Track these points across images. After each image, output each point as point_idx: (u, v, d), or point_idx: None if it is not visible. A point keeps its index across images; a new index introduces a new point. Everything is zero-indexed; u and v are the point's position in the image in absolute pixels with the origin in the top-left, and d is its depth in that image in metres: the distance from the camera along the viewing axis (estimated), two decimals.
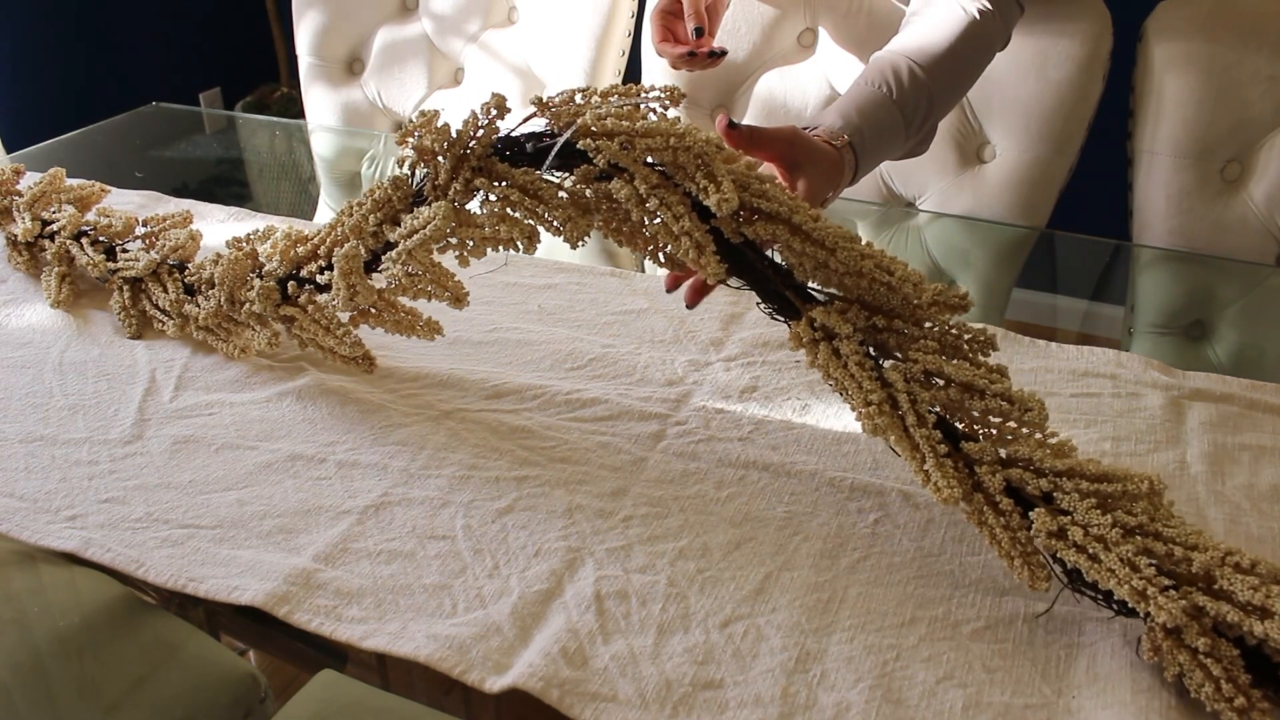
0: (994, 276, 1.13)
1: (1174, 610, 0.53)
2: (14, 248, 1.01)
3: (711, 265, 0.64)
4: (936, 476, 0.60)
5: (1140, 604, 0.54)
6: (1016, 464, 0.61)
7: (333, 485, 0.71)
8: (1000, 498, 0.60)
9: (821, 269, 0.64)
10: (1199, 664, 0.53)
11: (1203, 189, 1.14)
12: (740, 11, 1.25)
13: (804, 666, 0.57)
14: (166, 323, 0.89)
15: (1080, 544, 0.57)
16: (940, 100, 0.93)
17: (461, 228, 0.71)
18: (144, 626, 0.63)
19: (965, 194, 1.22)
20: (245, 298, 0.83)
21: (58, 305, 0.94)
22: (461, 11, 1.44)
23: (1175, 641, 0.54)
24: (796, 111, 1.26)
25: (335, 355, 0.82)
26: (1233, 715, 0.52)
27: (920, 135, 0.93)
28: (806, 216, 0.64)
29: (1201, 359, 0.93)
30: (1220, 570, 0.54)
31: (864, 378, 0.63)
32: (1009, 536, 0.60)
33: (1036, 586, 0.59)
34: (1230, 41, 1.09)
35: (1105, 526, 0.56)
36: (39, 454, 0.75)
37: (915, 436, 0.61)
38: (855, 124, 0.84)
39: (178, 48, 2.73)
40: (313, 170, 1.49)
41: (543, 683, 0.55)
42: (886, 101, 0.87)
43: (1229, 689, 0.53)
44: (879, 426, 0.62)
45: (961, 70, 0.95)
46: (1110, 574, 0.55)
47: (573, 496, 0.70)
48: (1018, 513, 0.60)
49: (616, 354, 0.86)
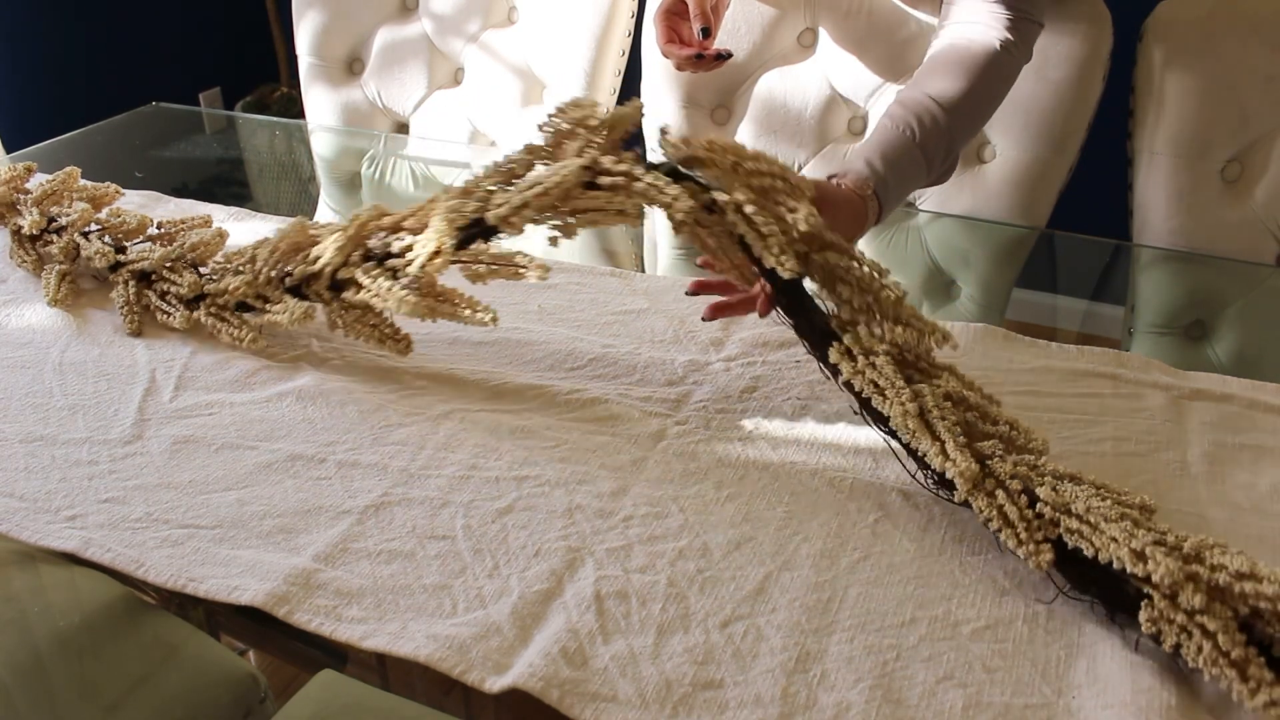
0: (994, 276, 1.13)
1: (1171, 567, 0.55)
2: (19, 243, 1.01)
3: (790, 263, 0.70)
4: (956, 456, 0.64)
5: (1139, 565, 0.56)
6: (1023, 464, 0.65)
7: (333, 485, 0.71)
8: (1009, 480, 0.63)
9: (865, 310, 0.73)
10: (1196, 625, 0.54)
11: (1203, 189, 1.14)
12: (740, 11, 1.25)
13: (804, 666, 0.57)
14: (173, 314, 0.89)
15: (1082, 515, 0.60)
16: (962, 137, 0.95)
17: (579, 197, 0.75)
18: (144, 626, 0.63)
19: (965, 194, 1.22)
20: (299, 268, 0.84)
21: (55, 303, 0.94)
22: (461, 11, 1.44)
23: (1172, 605, 0.56)
24: (796, 111, 1.26)
25: (375, 332, 0.84)
26: (1230, 671, 0.53)
27: (942, 169, 0.96)
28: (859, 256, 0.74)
29: (1201, 359, 0.93)
30: (1210, 551, 0.57)
31: (897, 381, 0.69)
32: (1017, 512, 0.62)
33: (1041, 565, 0.60)
34: (1230, 41, 1.09)
35: (1106, 508, 0.60)
36: (39, 454, 0.75)
37: (938, 427, 0.66)
38: (880, 173, 0.87)
39: (178, 48, 2.73)
40: (313, 170, 1.49)
41: (543, 683, 0.55)
42: (910, 145, 0.89)
43: (1225, 642, 0.53)
44: (908, 412, 0.67)
45: (984, 105, 0.97)
46: (1111, 541, 0.58)
47: (573, 496, 0.70)
48: (1025, 494, 0.63)
49: (616, 354, 0.86)
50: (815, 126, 1.26)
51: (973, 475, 0.63)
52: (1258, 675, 0.53)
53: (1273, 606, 0.54)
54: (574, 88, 1.37)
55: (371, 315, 0.84)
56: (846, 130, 1.27)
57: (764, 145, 1.29)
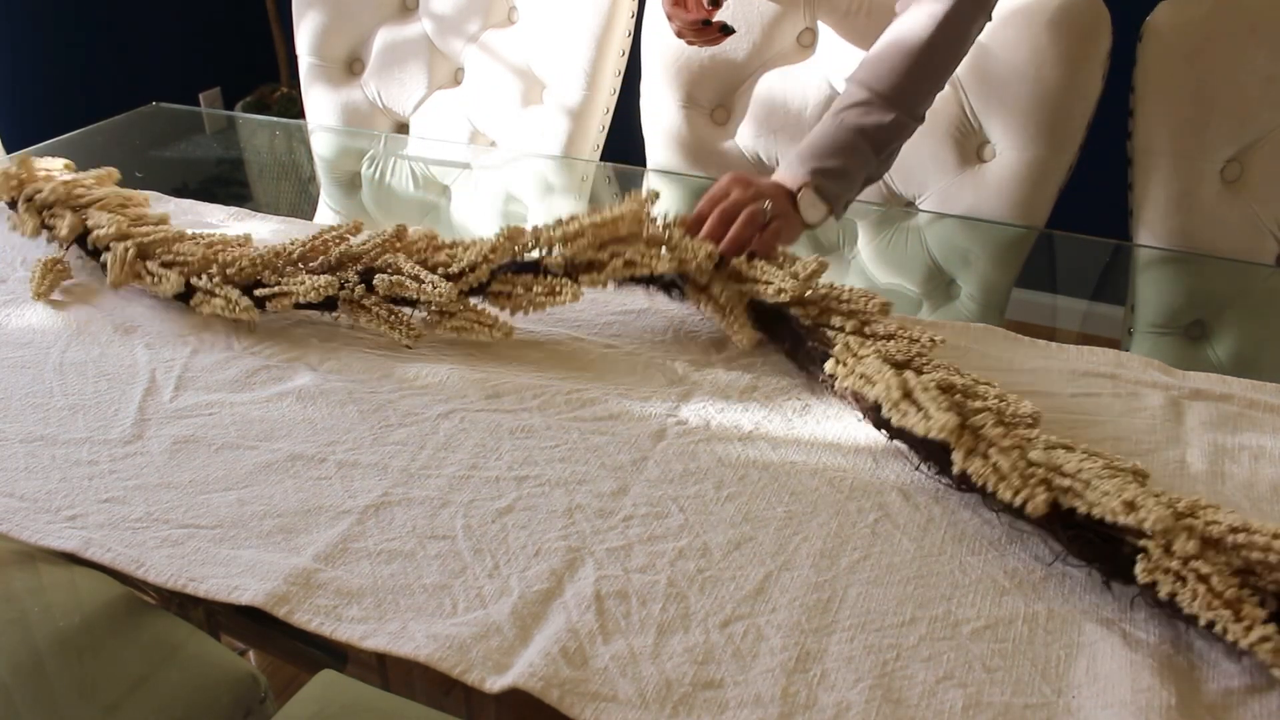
0: (994, 276, 1.13)
1: (1163, 513, 0.56)
2: (30, 208, 1.01)
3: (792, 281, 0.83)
4: (937, 414, 0.67)
5: (1131, 515, 0.57)
6: (1015, 433, 0.67)
7: (333, 485, 0.71)
8: (1001, 440, 0.65)
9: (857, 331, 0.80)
10: (1191, 570, 0.56)
11: (1203, 189, 1.14)
12: (740, 11, 1.25)
13: (804, 666, 0.57)
14: (164, 278, 0.90)
15: (1074, 474, 0.61)
16: (919, 98, 0.97)
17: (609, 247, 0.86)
18: (144, 626, 0.63)
19: (965, 194, 1.22)
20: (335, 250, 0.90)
21: (39, 297, 0.94)
22: (461, 11, 1.44)
23: (1166, 553, 0.57)
24: (796, 111, 1.26)
25: (392, 317, 0.87)
26: (1225, 612, 0.54)
27: (892, 151, 0.98)
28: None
29: (1201, 359, 0.93)
30: (1204, 510, 0.59)
31: (884, 369, 0.73)
32: (1009, 463, 0.63)
33: (1037, 509, 0.61)
34: (1230, 42, 1.09)
35: (1098, 469, 0.61)
36: (39, 454, 0.75)
37: (921, 398, 0.68)
38: (814, 167, 0.92)
39: (178, 48, 2.73)
40: (313, 170, 1.49)
41: (543, 683, 0.55)
42: (849, 134, 0.93)
43: (1219, 584, 0.55)
44: (891, 386, 0.70)
45: (939, 66, 0.98)
46: (1104, 495, 0.59)
47: (573, 496, 0.70)
48: (1018, 448, 0.65)
49: (616, 354, 0.86)
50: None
51: (954, 429, 0.65)
52: (1251, 614, 0.54)
53: (1264, 557, 0.55)
54: (574, 88, 1.37)
55: (389, 308, 0.87)
56: None
57: (764, 144, 1.29)
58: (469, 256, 0.85)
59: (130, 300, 0.96)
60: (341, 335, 0.89)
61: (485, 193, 1.37)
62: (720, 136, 1.33)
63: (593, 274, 0.85)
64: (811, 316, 0.82)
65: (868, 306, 0.80)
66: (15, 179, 1.07)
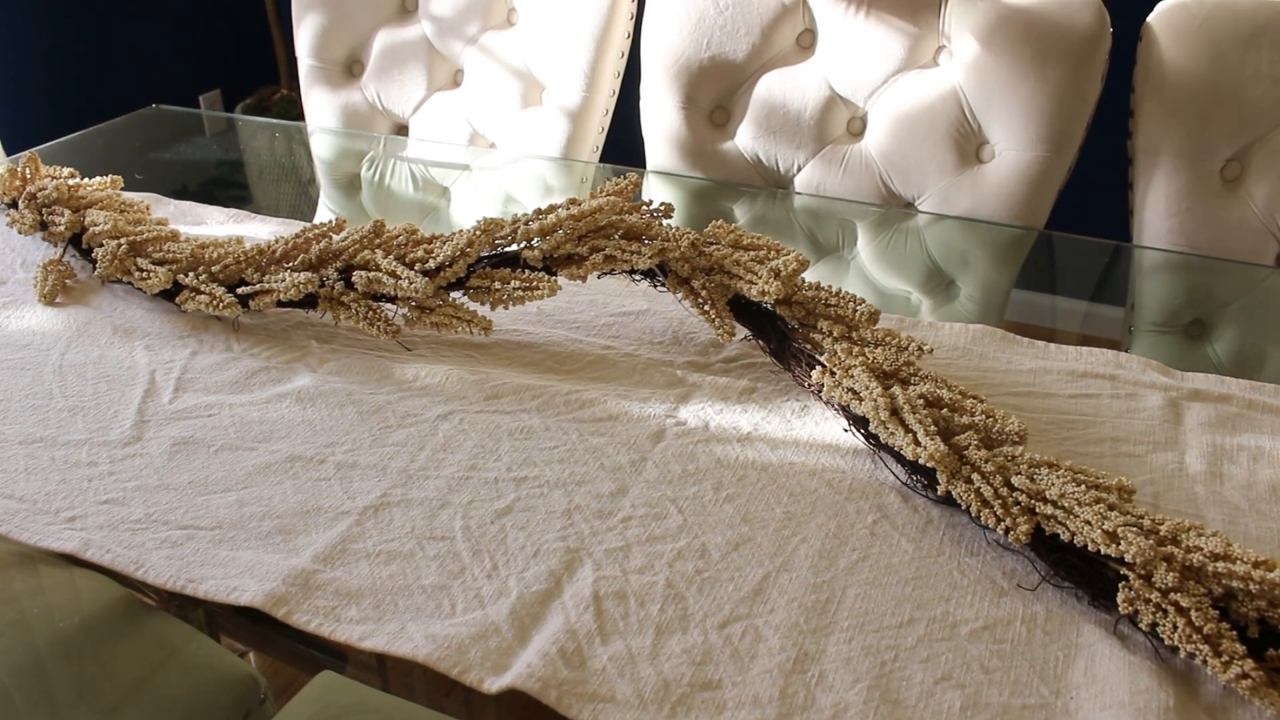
0: (993, 277, 1.13)
1: (1143, 546, 0.56)
2: (31, 205, 1.01)
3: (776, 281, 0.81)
4: (926, 441, 0.66)
5: (1112, 545, 0.57)
6: (1000, 455, 0.67)
7: (332, 486, 0.72)
8: (984, 465, 0.65)
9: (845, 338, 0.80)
10: (1170, 603, 0.56)
11: (1203, 189, 1.14)
12: (740, 12, 1.25)
13: (802, 667, 0.57)
14: (152, 274, 0.90)
15: (1056, 500, 0.61)
16: None
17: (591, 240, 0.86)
18: (144, 628, 0.63)
19: (964, 194, 1.22)
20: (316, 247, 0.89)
21: (44, 299, 0.94)
22: (461, 13, 1.44)
23: (1147, 584, 0.57)
24: (796, 112, 1.26)
25: (372, 314, 0.87)
26: (1204, 647, 0.54)
27: None
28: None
29: (1201, 359, 0.93)
30: (1186, 534, 0.59)
31: (871, 384, 0.71)
32: (993, 491, 0.63)
33: (1019, 538, 0.61)
34: (1230, 41, 1.09)
35: (1080, 493, 0.61)
36: (39, 455, 0.75)
37: (909, 420, 0.68)
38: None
39: (178, 49, 2.74)
40: (312, 172, 1.49)
41: (541, 683, 0.55)
42: None
43: (1198, 618, 0.54)
44: (879, 407, 0.69)
45: None
46: (1085, 525, 0.59)
47: (571, 497, 0.70)
48: (1001, 475, 0.65)
49: (616, 355, 0.86)
50: (814, 127, 1.26)
51: (942, 457, 0.65)
52: (1230, 649, 0.54)
53: (1245, 585, 0.55)
54: (573, 89, 1.37)
55: (369, 305, 0.87)
56: (845, 131, 1.27)
57: (763, 146, 1.30)
58: (446, 251, 0.84)
59: (130, 302, 0.96)
60: (341, 337, 0.89)
61: (485, 194, 1.37)
62: (719, 138, 1.33)
63: (572, 267, 0.85)
64: (798, 318, 0.82)
65: (855, 315, 0.79)
66: (20, 178, 1.07)
